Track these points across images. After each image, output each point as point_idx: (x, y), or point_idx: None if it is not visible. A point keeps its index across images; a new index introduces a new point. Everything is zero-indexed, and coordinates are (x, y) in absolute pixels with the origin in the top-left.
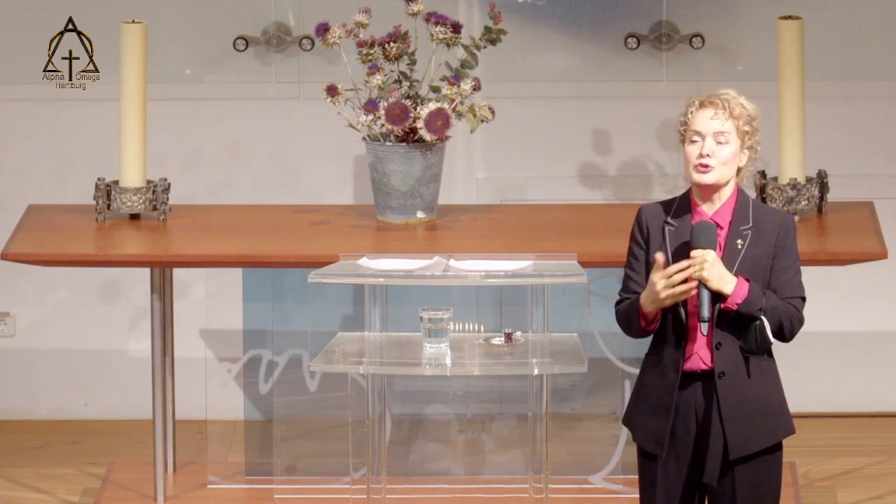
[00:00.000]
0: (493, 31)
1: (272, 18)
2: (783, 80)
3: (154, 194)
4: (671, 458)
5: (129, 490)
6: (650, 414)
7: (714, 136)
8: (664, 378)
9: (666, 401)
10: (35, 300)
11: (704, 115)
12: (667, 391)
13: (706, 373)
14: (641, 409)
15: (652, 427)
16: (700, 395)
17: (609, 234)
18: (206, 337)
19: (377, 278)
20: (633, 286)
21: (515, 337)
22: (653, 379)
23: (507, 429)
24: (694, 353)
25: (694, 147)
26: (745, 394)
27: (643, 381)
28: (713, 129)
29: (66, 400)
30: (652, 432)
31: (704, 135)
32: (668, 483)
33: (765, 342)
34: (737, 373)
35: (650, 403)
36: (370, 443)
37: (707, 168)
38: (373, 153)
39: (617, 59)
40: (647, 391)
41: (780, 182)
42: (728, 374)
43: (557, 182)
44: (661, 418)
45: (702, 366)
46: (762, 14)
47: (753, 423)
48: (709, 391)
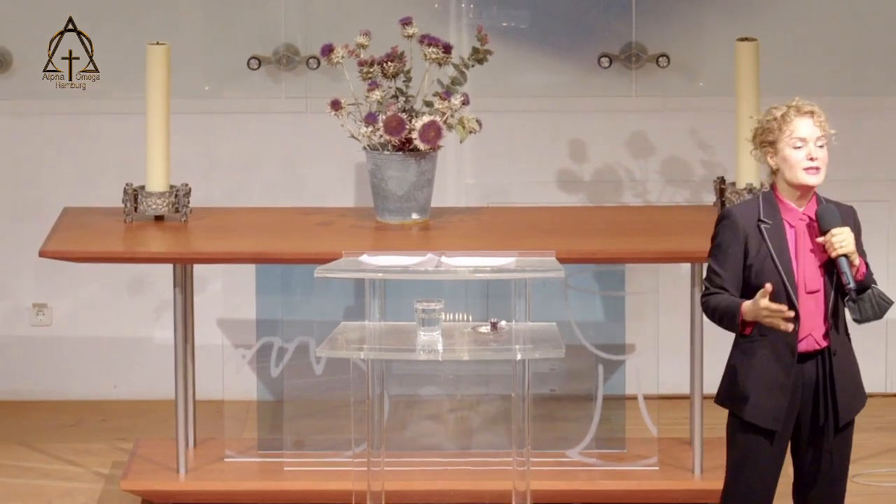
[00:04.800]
0: (481, 52)
1: (282, 40)
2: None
3: (176, 198)
4: (782, 436)
5: (154, 463)
6: (765, 392)
7: (815, 141)
8: (779, 359)
9: (782, 380)
10: (70, 293)
11: (806, 123)
12: (783, 371)
13: (818, 351)
14: (752, 389)
15: (768, 405)
16: (812, 372)
17: (584, 234)
18: (223, 326)
19: (376, 273)
20: (718, 281)
21: (500, 326)
22: (764, 362)
23: (492, 408)
24: (809, 333)
25: (799, 152)
26: (847, 368)
27: (752, 364)
28: (816, 134)
29: (97, 382)
30: (769, 410)
31: (808, 140)
32: (771, 458)
33: (883, 307)
34: (842, 349)
35: (765, 383)
36: (370, 421)
37: (816, 170)
38: (372, 161)
39: (591, 77)
40: (760, 372)
41: (738, 187)
42: (838, 352)
43: (538, 187)
44: (777, 396)
45: (815, 346)
46: (722, 36)
47: (853, 393)
48: (822, 368)
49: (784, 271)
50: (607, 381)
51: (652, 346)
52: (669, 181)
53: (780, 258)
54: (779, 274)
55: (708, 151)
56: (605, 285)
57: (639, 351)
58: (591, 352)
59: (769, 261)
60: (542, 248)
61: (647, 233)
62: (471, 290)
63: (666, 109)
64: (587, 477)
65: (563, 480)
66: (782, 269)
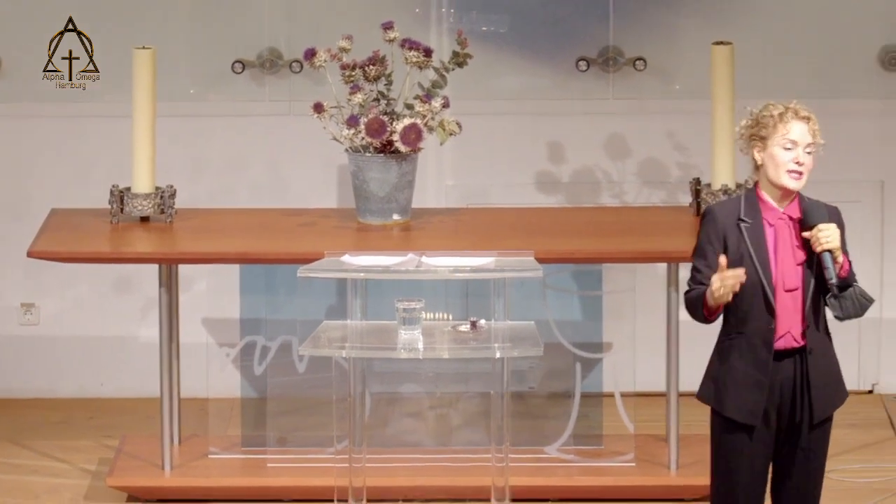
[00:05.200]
0: (461, 56)
1: (266, 44)
2: (717, 104)
3: (162, 199)
4: (763, 432)
5: (140, 460)
6: (743, 389)
7: (805, 147)
8: (756, 356)
9: (760, 377)
10: (57, 292)
11: (801, 127)
12: (760, 368)
13: (796, 349)
14: (731, 385)
15: (747, 401)
16: (789, 370)
17: (562, 234)
18: (208, 325)
19: (358, 273)
20: (700, 277)
21: (479, 324)
22: (741, 358)
23: (472, 405)
24: (787, 331)
25: (788, 154)
26: (825, 366)
27: (729, 360)
28: (807, 140)
29: (84, 380)
30: (748, 406)
31: (799, 144)
32: (755, 454)
33: (864, 305)
34: (819, 347)
35: (742, 380)
36: (352, 418)
37: (800, 175)
38: (354, 163)
39: (569, 80)
40: (738, 369)
41: (713, 188)
42: (815, 351)
43: (517, 188)
44: (756, 393)
45: (793, 344)
46: (697, 40)
47: (830, 390)
48: (799, 365)
49: (762, 270)
50: (585, 378)
51: (629, 344)
52: (646, 182)
53: (758, 257)
54: (756, 272)
55: (684, 153)
56: (582, 285)
57: (616, 349)
58: (569, 350)
59: (747, 259)
60: (520, 248)
61: (624, 233)
62: (451, 290)
63: (643, 112)
64: (565, 473)
65: (541, 476)
66: (760, 267)
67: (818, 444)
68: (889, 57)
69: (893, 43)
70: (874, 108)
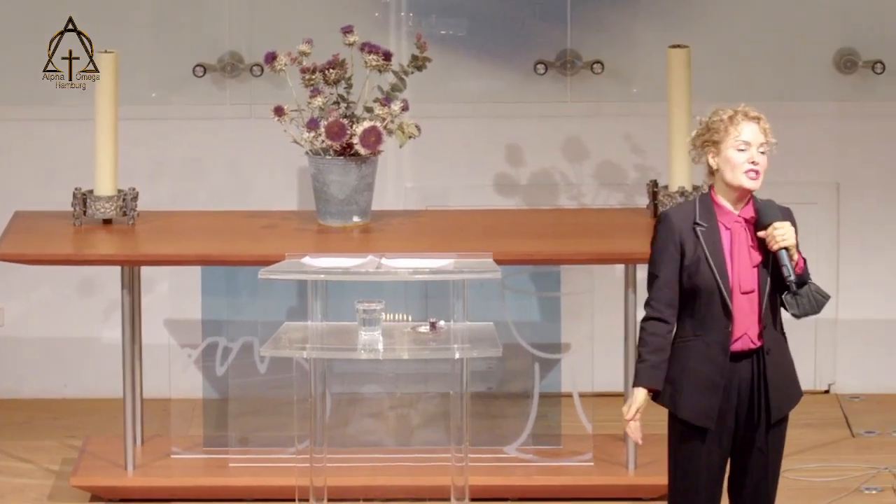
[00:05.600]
0: (420, 59)
1: (227, 48)
2: (673, 106)
3: (124, 202)
4: (719, 433)
5: (103, 460)
6: (698, 392)
7: (758, 147)
8: (713, 359)
9: (716, 380)
10: (21, 294)
11: (753, 128)
12: (717, 371)
13: (753, 350)
14: (686, 388)
15: (701, 404)
16: (747, 371)
17: (520, 236)
18: (170, 326)
19: (318, 275)
20: (657, 283)
21: (439, 325)
22: (699, 361)
23: (432, 406)
24: (744, 333)
25: (742, 154)
26: (781, 367)
27: (685, 363)
28: (760, 140)
29: (48, 381)
30: (702, 409)
31: (752, 144)
32: (711, 455)
33: (820, 302)
34: (776, 348)
35: (697, 382)
36: (313, 418)
37: (757, 175)
38: (314, 165)
39: (527, 84)
40: (693, 372)
41: (671, 190)
42: (772, 350)
43: (476, 190)
44: (710, 396)
45: (750, 345)
46: (654, 43)
47: (786, 390)
48: (756, 367)
49: (718, 273)
50: (543, 379)
51: (587, 345)
52: (604, 184)
53: (714, 260)
54: (713, 276)
55: (641, 155)
56: (541, 286)
57: (574, 350)
58: (528, 351)
59: (704, 263)
60: (479, 249)
61: (581, 235)
62: (410, 291)
63: (600, 115)
64: (524, 472)
65: (500, 476)
66: (717, 270)
67: (775, 443)
68: (844, 60)
69: (848, 46)
70: (830, 111)
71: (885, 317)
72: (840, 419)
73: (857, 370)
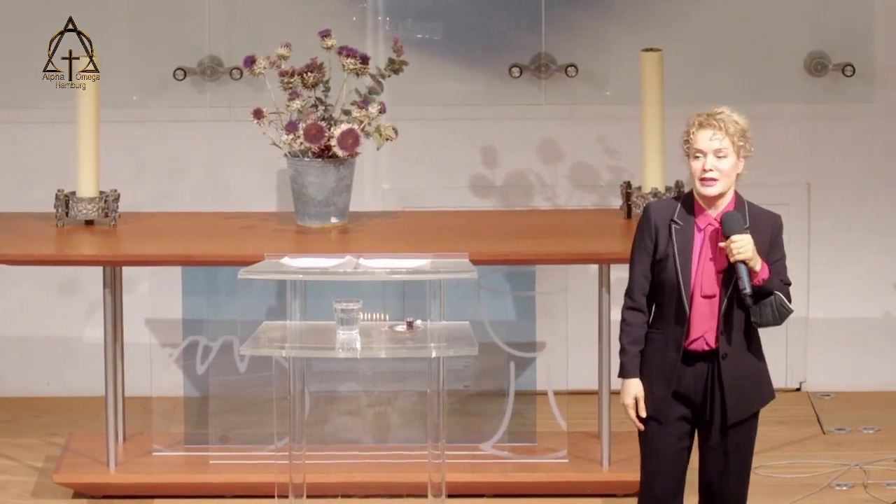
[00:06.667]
0: (397, 63)
1: (207, 52)
2: (647, 109)
3: (106, 203)
4: (671, 423)
5: (86, 457)
6: (653, 383)
7: (714, 153)
8: (666, 354)
9: (667, 374)
10: (3, 294)
11: (704, 135)
12: (668, 366)
13: (708, 353)
14: (644, 377)
15: (654, 395)
16: (704, 371)
17: (496, 236)
18: (151, 325)
19: (297, 275)
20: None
21: (416, 325)
22: (656, 353)
23: (409, 404)
24: (701, 335)
25: (697, 163)
26: (742, 370)
27: (648, 353)
28: (713, 147)
29: (30, 380)
30: (654, 400)
31: (706, 152)
32: (666, 444)
33: (783, 314)
34: (735, 352)
35: (653, 374)
36: (292, 416)
37: (712, 182)
38: (293, 167)
39: (502, 86)
40: (651, 363)
41: (644, 191)
42: (729, 355)
43: (452, 191)
44: (660, 388)
45: (706, 347)
46: (628, 46)
47: (747, 393)
48: (712, 369)
49: (682, 274)
50: (519, 377)
51: (561, 343)
52: (578, 186)
53: (680, 260)
54: (676, 276)
55: (615, 157)
56: (516, 286)
57: (549, 348)
58: (503, 349)
59: (671, 261)
60: (455, 250)
61: (556, 235)
62: (388, 291)
63: (574, 117)
64: (500, 469)
65: (476, 473)
66: (680, 271)
67: (740, 442)
68: (815, 63)
69: (819, 49)
70: (801, 113)
71: (855, 315)
72: (811, 416)
73: (828, 368)
